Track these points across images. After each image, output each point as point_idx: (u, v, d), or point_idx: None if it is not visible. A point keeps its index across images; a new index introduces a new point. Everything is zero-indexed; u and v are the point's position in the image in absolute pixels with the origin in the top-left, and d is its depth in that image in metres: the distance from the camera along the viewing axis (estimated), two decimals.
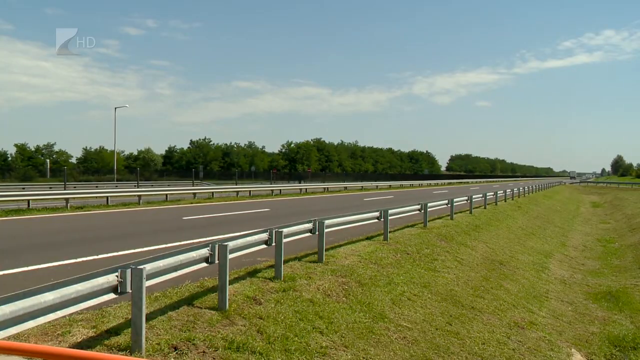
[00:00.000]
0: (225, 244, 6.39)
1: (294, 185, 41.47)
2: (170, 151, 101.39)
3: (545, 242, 21.19)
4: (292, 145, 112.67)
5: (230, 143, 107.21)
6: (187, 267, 5.99)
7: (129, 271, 4.75)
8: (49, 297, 4.01)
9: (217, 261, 6.34)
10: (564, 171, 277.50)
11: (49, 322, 4.42)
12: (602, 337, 10.18)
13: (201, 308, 6.11)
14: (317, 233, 9.44)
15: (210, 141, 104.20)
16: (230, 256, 6.44)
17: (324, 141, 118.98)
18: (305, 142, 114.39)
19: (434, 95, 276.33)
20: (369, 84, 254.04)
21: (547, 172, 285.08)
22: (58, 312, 4.17)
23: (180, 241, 10.89)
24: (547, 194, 48.40)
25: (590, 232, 28.19)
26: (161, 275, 5.47)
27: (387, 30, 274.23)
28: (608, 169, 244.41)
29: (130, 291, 4.76)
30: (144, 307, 4.73)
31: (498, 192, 28.54)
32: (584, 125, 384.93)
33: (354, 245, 11.38)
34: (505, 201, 30.11)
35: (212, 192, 29.51)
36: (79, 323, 5.25)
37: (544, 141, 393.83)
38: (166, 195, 26.79)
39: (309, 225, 9.39)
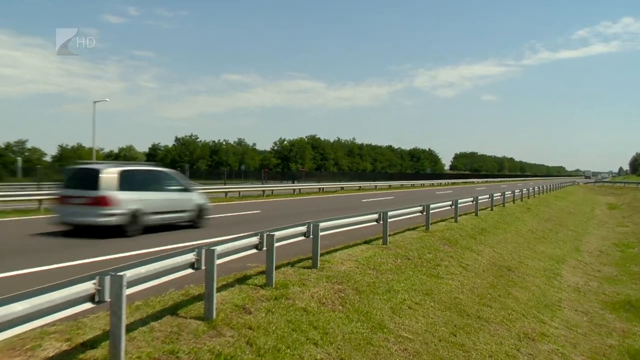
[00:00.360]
0: (213, 248, 6.36)
1: (287, 186, 41.56)
2: (154, 148, 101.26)
3: (557, 247, 21.24)
4: (285, 142, 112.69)
5: (219, 140, 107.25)
6: (171, 273, 5.96)
7: (107, 278, 4.71)
8: (17, 307, 3.95)
9: (203, 267, 6.31)
10: (578, 170, 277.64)
11: (18, 335, 4.37)
12: (621, 351, 10.17)
13: (186, 318, 6.07)
14: (311, 237, 9.42)
15: (197, 138, 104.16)
16: (217, 262, 6.41)
17: (319, 138, 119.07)
18: (299, 139, 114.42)
19: (437, 89, 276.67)
20: (368, 77, 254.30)
21: (558, 171, 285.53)
22: (28, 324, 4.11)
23: (163, 246, 10.85)
24: (559, 195, 48.57)
25: (607, 236, 28.23)
26: (143, 282, 5.43)
27: (386, 19, 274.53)
28: (626, 167, 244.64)
29: (109, 300, 4.72)
30: (123, 317, 4.69)
31: (506, 193, 28.59)
32: (599, 121, 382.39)
33: (351, 250, 11.38)
34: (514, 202, 30.18)
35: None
36: (52, 335, 5.20)
37: (556, 138, 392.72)
38: None
39: (303, 229, 9.37)
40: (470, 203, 21.47)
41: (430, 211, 15.84)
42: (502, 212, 24.70)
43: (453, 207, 18.62)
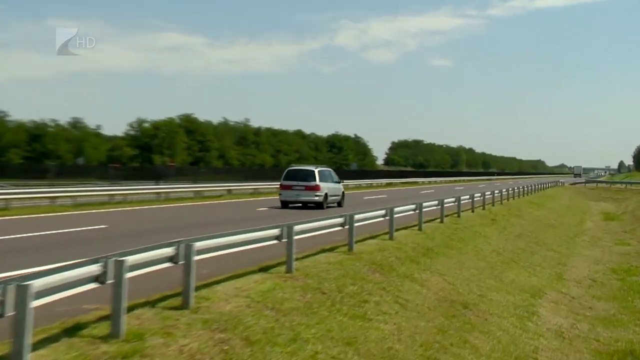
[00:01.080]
0: (26, 283, 6.14)
1: (148, 188, 41.37)
2: None
3: (533, 274, 21.98)
4: (146, 124, 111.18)
5: (43, 120, 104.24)
6: None
7: None
8: None
9: (10, 313, 6.07)
10: (563, 166, 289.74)
11: None
12: None
13: None
14: (182, 262, 9.33)
15: (7, 116, 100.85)
16: (34, 304, 6.20)
17: (197, 119, 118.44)
18: (167, 120, 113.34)
19: (368, 50, 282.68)
20: (268, 31, 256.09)
21: (535, 167, 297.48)
22: None
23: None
24: (537, 200, 50.54)
25: (601, 258, 29.42)
26: None
27: None
28: (628, 161, 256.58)
29: None
30: None
31: (462, 198, 29.44)
32: (592, 98, 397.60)
33: (241, 281, 11.34)
34: (473, 211, 31.19)
35: (9, 199, 28.87)
36: None
37: (533, 122, 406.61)
38: None
39: (170, 251, 9.26)
40: (412, 212, 21.92)
41: (355, 224, 15.99)
42: (457, 224, 25.49)
43: (387, 217, 18.93)
